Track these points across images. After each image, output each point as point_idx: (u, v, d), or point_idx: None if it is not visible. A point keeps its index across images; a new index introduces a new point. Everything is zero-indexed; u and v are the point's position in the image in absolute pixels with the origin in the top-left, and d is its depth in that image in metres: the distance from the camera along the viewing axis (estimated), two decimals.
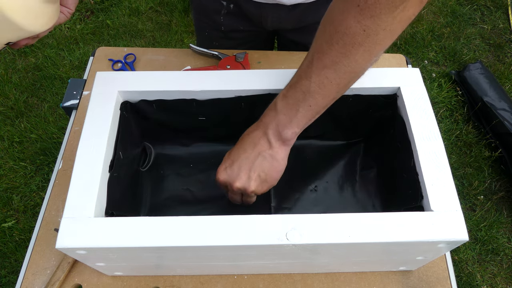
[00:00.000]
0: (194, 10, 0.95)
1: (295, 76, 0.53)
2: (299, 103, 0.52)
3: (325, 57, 0.49)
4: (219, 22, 0.89)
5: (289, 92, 0.53)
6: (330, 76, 0.50)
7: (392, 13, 0.44)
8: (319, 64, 0.50)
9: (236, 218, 0.49)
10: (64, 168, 0.74)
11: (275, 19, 0.84)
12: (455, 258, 1.48)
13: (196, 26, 0.98)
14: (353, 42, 0.47)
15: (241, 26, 0.89)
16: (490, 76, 1.80)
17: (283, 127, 0.54)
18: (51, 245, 0.67)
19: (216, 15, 0.88)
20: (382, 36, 0.46)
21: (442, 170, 0.53)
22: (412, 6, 0.45)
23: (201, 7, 0.91)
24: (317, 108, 0.53)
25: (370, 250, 0.52)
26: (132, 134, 0.64)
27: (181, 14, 2.07)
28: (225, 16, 0.88)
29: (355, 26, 0.45)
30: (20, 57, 1.90)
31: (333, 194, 0.70)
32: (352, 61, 0.48)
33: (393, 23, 0.45)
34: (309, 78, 0.51)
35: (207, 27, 0.93)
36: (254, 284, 0.64)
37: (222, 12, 0.87)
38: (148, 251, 0.49)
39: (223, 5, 0.85)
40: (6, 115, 1.72)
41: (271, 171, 0.56)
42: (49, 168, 1.60)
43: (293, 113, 0.53)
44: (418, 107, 0.58)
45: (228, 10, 0.86)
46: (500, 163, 1.66)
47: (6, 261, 1.42)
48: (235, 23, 0.89)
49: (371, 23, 0.45)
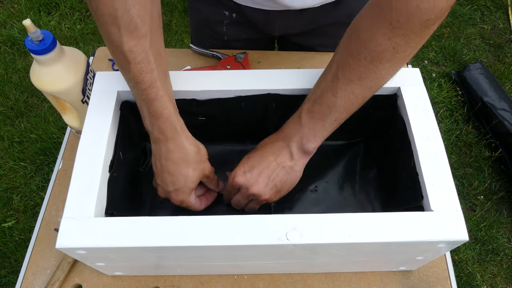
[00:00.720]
0: (194, 21, 0.93)
1: (318, 89, 0.54)
2: (324, 118, 0.53)
3: (352, 73, 0.49)
4: (222, 32, 0.88)
5: (314, 107, 0.54)
6: (356, 91, 0.51)
7: (422, 32, 0.45)
8: (345, 79, 0.50)
9: (236, 218, 0.49)
10: (64, 168, 0.74)
11: (282, 25, 0.83)
12: (455, 258, 1.48)
13: (196, 36, 0.96)
14: (381, 58, 0.47)
15: (244, 35, 0.88)
16: (490, 76, 1.80)
17: (307, 140, 0.55)
18: (51, 245, 0.67)
19: (218, 26, 0.87)
20: (408, 52, 0.47)
21: (442, 170, 0.53)
22: (438, 24, 0.46)
23: (201, 18, 0.89)
24: (340, 121, 0.54)
25: (370, 250, 0.52)
26: (132, 134, 0.64)
27: (181, 14, 2.07)
28: (228, 26, 0.86)
29: (385, 44, 0.46)
30: (20, 57, 1.90)
31: (333, 194, 0.70)
32: (379, 76, 0.49)
33: (421, 41, 0.46)
34: (335, 93, 0.51)
35: (208, 37, 0.91)
36: (254, 284, 0.64)
37: (225, 22, 0.85)
38: (148, 251, 0.49)
39: (226, 15, 0.84)
40: (6, 115, 1.72)
41: (287, 182, 0.58)
42: (49, 168, 1.60)
43: (318, 127, 0.54)
44: (418, 107, 0.58)
45: (231, 19, 0.85)
46: (500, 163, 1.66)
47: (6, 261, 1.42)
48: (238, 32, 0.88)
49: (401, 41, 0.45)
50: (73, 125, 0.73)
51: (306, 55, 0.88)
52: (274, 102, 0.63)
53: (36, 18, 2.00)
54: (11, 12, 2.03)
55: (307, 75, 0.61)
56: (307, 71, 0.62)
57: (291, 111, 0.65)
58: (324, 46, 0.89)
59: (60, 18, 2.03)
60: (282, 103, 0.63)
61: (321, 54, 0.87)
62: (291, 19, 0.82)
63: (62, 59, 0.62)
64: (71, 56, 0.64)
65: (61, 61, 0.62)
